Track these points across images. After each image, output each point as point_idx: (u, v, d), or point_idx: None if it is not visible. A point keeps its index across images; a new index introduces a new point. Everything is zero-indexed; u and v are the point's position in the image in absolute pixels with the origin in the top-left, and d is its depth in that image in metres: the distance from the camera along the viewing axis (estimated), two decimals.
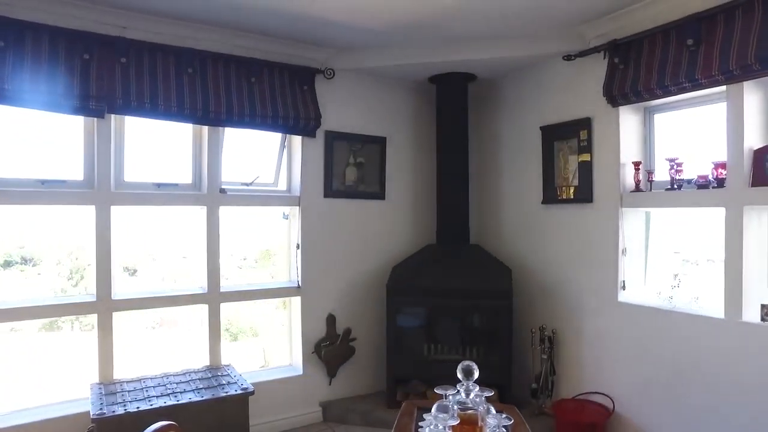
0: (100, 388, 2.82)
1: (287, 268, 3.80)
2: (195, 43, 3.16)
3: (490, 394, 1.74)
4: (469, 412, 1.61)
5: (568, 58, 3.32)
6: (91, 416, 2.48)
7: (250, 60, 3.32)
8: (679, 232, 3.06)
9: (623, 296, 3.11)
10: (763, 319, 2.51)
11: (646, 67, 2.88)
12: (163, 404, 2.63)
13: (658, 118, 3.13)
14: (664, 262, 3.11)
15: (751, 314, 2.54)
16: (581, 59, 3.27)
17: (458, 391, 1.75)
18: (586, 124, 3.27)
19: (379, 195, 3.99)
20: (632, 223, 3.15)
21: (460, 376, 1.70)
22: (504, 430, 1.50)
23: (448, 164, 3.91)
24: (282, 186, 3.77)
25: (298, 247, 3.66)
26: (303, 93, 3.56)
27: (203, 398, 2.74)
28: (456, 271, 3.63)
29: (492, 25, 3.18)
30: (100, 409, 2.53)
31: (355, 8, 2.94)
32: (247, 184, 3.64)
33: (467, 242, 3.90)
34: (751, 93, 2.56)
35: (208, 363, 3.30)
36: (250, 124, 3.37)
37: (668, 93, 2.80)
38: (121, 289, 3.12)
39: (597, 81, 3.17)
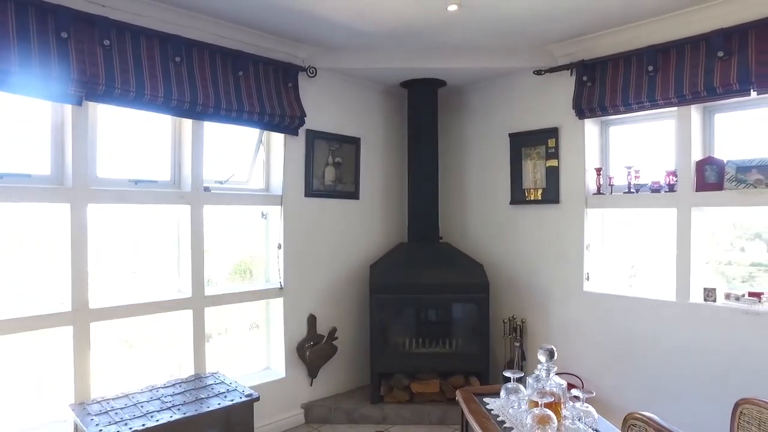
0: (84, 408, 2.52)
1: (264, 269, 3.68)
2: (180, 30, 2.94)
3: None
4: (550, 390, 1.79)
5: (538, 72, 3.68)
6: None
7: (237, 53, 3.17)
8: (633, 230, 3.55)
9: (588, 286, 3.53)
10: (705, 300, 3.05)
11: (611, 86, 3.31)
12: (170, 419, 2.44)
13: (613, 130, 3.61)
14: (622, 255, 3.59)
15: (696, 296, 3.08)
16: (550, 74, 3.65)
17: (524, 374, 1.92)
18: (554, 133, 3.65)
19: (354, 195, 4.03)
20: (595, 221, 3.59)
21: (542, 358, 1.86)
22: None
23: (418, 166, 4.07)
24: (258, 185, 3.64)
25: (279, 247, 3.57)
26: (287, 90, 3.48)
27: (210, 408, 2.58)
28: (432, 267, 3.81)
29: (470, 36, 3.39)
30: (100, 431, 2.28)
31: (354, 7, 2.94)
32: (221, 182, 3.47)
33: (438, 240, 4.11)
34: (694, 114, 3.10)
35: (192, 371, 3.10)
36: (236, 120, 3.22)
37: (630, 110, 3.26)
38: (96, 298, 2.80)
39: (565, 94, 3.56)
